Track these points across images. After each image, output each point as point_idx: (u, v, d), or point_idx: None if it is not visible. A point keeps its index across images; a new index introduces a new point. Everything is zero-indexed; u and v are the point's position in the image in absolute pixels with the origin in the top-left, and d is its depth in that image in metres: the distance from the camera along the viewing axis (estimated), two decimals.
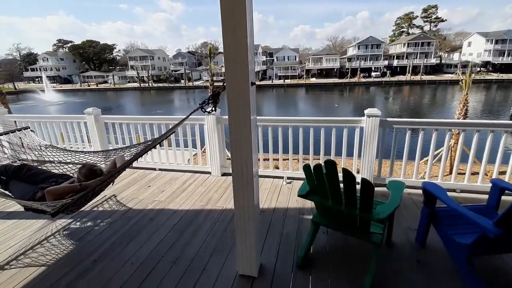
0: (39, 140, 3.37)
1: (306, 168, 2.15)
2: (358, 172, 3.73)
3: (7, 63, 70.71)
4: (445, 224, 2.28)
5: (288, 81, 54.22)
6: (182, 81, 60.09)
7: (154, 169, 4.54)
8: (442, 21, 72.35)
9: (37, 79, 65.55)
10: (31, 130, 3.43)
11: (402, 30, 75.29)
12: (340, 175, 1.93)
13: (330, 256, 2.41)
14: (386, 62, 57.06)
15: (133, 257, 2.47)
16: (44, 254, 2.56)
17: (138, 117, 4.48)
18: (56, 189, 2.36)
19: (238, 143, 1.87)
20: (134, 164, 2.70)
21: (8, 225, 3.04)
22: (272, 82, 54.59)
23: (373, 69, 56.54)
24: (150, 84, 59.02)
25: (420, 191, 3.43)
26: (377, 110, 3.41)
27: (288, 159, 3.98)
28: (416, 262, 2.33)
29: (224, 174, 4.24)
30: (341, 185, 2.01)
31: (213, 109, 1.96)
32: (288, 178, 3.89)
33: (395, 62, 57.46)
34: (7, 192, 2.62)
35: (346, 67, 56.87)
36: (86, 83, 63.87)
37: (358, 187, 1.89)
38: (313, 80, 55.56)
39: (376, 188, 2.02)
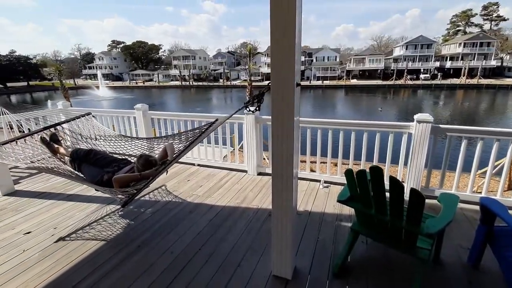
0: (100, 125, 3.70)
1: (349, 173, 2.07)
2: (402, 182, 3.48)
3: (69, 61, 79.41)
4: (504, 245, 2.03)
5: (326, 82, 52.75)
6: (221, 80, 61.81)
7: (193, 164, 4.74)
8: (504, 20, 64.46)
9: (93, 76, 72.49)
10: (93, 116, 3.78)
11: (458, 28, 68.69)
12: (386, 183, 1.83)
13: (369, 267, 2.29)
14: (437, 64, 52.49)
15: (172, 247, 2.60)
16: (97, 234, 2.82)
17: (181, 114, 4.71)
18: (121, 177, 2.60)
19: (280, 143, 1.86)
20: None
21: (68, 206, 3.41)
22: (309, 83, 53.57)
23: (422, 71, 52.42)
24: (190, 83, 61.74)
25: (475, 207, 3.12)
26: (429, 115, 3.15)
27: (325, 163, 3.88)
28: (467, 283, 2.11)
29: (260, 174, 4.27)
30: (386, 194, 1.90)
31: (257, 108, 1.98)
32: (325, 182, 3.78)
33: (448, 64, 52.58)
34: (80, 174, 2.94)
35: (391, 68, 53.50)
36: (134, 81, 68.99)
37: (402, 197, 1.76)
38: (354, 81, 53.28)
39: None
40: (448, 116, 26.67)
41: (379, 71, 55.30)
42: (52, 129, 3.38)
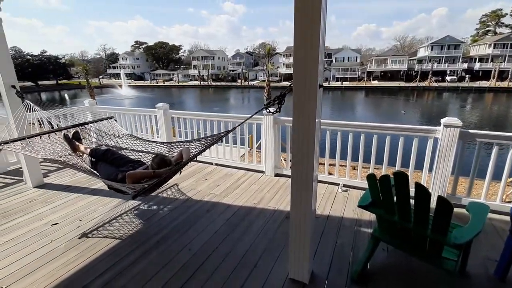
0: (120, 128, 3.85)
1: (371, 177, 2.01)
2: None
3: (95, 61, 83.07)
4: None
5: (346, 83, 51.65)
6: (239, 80, 62.23)
7: (211, 163, 4.80)
8: None
9: (116, 76, 75.32)
10: (115, 120, 3.94)
11: (487, 29, 65.03)
12: (411, 189, 1.75)
13: (390, 275, 2.22)
14: (465, 65, 49.93)
15: (190, 244, 2.64)
16: (118, 229, 2.92)
17: (201, 114, 4.78)
18: (135, 173, 2.68)
19: (300, 146, 1.84)
20: None
21: (92, 200, 3.56)
22: (328, 84, 52.70)
23: (448, 72, 50.06)
24: (209, 83, 62.64)
25: (504, 217, 2.94)
26: (457, 119, 3.00)
27: (344, 166, 3.79)
28: None
29: (277, 175, 4.24)
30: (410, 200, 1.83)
31: (278, 110, 1.97)
32: (344, 185, 3.69)
33: (477, 65, 49.89)
34: (95, 172, 3.06)
35: (415, 69, 51.52)
36: (155, 80, 70.99)
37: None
38: (375, 82, 51.83)
39: None
40: (477, 120, 25.31)
41: (402, 72, 53.42)
42: (76, 128, 3.54)
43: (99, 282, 2.20)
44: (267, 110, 2.00)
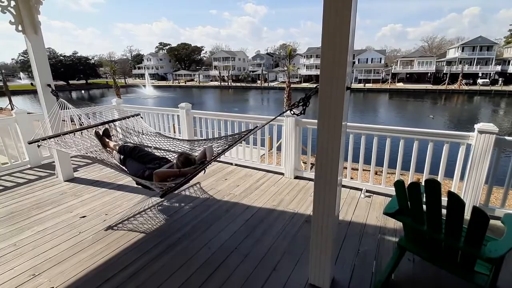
0: (146, 125, 3.98)
1: (399, 184, 1.92)
2: None
3: (122, 62, 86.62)
4: None
5: (369, 85, 50.16)
6: (259, 81, 62.39)
7: (231, 163, 4.83)
8: None
9: (141, 76, 78.15)
10: (141, 117, 4.07)
11: None
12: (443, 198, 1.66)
13: (415, 287, 2.11)
14: (498, 68, 46.79)
15: (210, 243, 2.67)
16: (142, 224, 3.02)
17: (223, 114, 4.83)
18: (162, 172, 2.76)
19: (325, 149, 1.80)
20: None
21: (117, 195, 3.70)
22: (350, 85, 51.37)
23: (480, 75, 47.22)
24: (229, 83, 63.34)
25: None
26: (493, 125, 2.82)
27: (368, 170, 3.67)
28: None
29: (296, 177, 4.19)
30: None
31: (302, 112, 1.94)
32: (367, 191, 3.58)
33: (511, 68, 46.63)
34: (124, 168, 3.19)
35: (444, 71, 49.08)
36: (177, 81, 72.88)
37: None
38: (400, 85, 49.93)
39: None
40: (510, 126, 23.67)
41: (429, 74, 51.12)
42: (106, 125, 3.71)
43: (124, 274, 2.28)
44: (292, 112, 1.98)
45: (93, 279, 2.24)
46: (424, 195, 1.79)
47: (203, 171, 2.67)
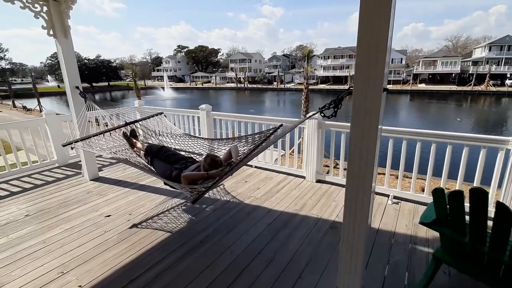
0: (170, 124, 4.01)
1: (438, 192, 1.80)
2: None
3: (142, 64, 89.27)
4: None
5: (389, 86, 48.33)
6: (275, 83, 62.25)
7: (251, 165, 4.79)
8: None
9: (160, 78, 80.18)
10: (164, 115, 4.11)
11: None
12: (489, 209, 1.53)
13: None
14: None
15: (232, 246, 2.63)
16: (165, 224, 3.03)
17: (244, 116, 4.79)
18: (190, 175, 2.77)
19: (359, 153, 1.71)
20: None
21: (140, 195, 3.76)
22: None
23: (508, 75, 44.58)
24: (245, 85, 63.63)
25: None
26: None
27: (394, 175, 3.51)
28: None
29: (318, 181, 4.08)
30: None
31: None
32: (395, 197, 3.42)
33: None
34: (152, 168, 3.23)
35: (470, 72, 46.79)
36: (194, 82, 74.14)
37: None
38: (422, 86, 48.14)
39: None
40: None
41: (453, 75, 48.91)
42: (133, 125, 3.77)
43: (149, 274, 2.29)
44: (322, 114, 1.90)
45: (119, 279, 2.26)
46: (468, 204, 1.66)
47: (230, 175, 2.64)
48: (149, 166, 3.29)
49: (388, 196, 3.45)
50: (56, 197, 3.78)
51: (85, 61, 67.03)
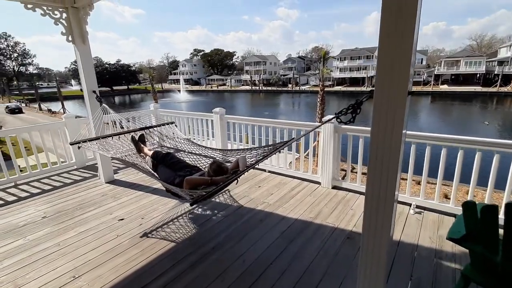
0: (180, 134, 4.01)
1: (470, 206, 1.63)
2: None
3: (159, 68, 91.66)
4: None
5: None
6: (290, 85, 61.92)
7: (264, 170, 4.70)
8: None
9: (176, 81, 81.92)
10: (175, 125, 4.12)
11: None
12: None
13: None
14: None
15: (245, 255, 2.55)
16: (176, 230, 3.00)
17: (256, 119, 4.72)
18: (192, 179, 2.71)
19: (380, 160, 1.58)
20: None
21: (153, 199, 3.75)
22: None
23: None
24: (260, 87, 63.72)
25: None
26: None
27: (415, 181, 3.30)
28: None
29: (334, 187, 3.93)
30: None
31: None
32: (417, 206, 3.21)
33: None
34: (155, 174, 3.21)
35: (496, 72, 44.45)
36: (210, 85, 75.16)
37: None
38: (444, 87, 46.24)
39: None
40: None
41: (478, 75, 46.65)
42: (142, 131, 3.79)
43: (159, 282, 2.24)
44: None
45: (128, 285, 2.23)
46: (503, 218, 1.49)
47: (236, 181, 2.56)
48: (152, 171, 3.27)
49: (410, 205, 3.24)
50: (73, 199, 3.85)
51: (106, 65, 69.62)
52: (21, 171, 4.52)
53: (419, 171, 3.29)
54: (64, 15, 3.71)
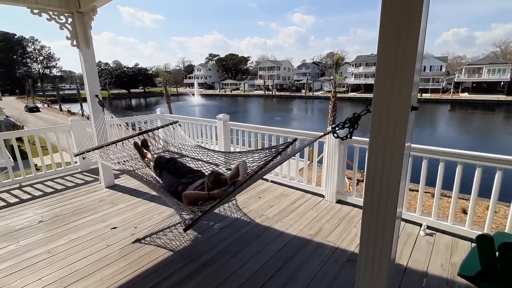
0: (182, 134, 3.90)
1: (485, 240, 1.40)
2: None
3: (175, 72, 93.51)
4: None
5: (426, 95, 45.48)
6: (303, 90, 61.51)
7: (266, 180, 4.52)
8: None
9: (191, 85, 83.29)
10: (179, 125, 4.01)
11: None
12: None
13: None
14: None
15: (236, 274, 2.38)
16: (167, 241, 2.87)
17: (260, 127, 4.58)
18: (190, 194, 2.60)
19: (379, 174, 1.38)
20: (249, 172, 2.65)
21: (149, 207, 3.66)
22: None
23: None
24: (273, 92, 63.66)
25: None
26: None
27: (431, 193, 3.02)
28: None
29: (339, 202, 3.70)
30: None
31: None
32: (428, 227, 2.93)
33: None
34: (160, 180, 3.12)
35: None
36: (223, 89, 75.88)
37: None
38: (465, 95, 44.45)
39: None
40: None
41: (502, 83, 44.57)
42: (144, 135, 3.71)
43: None
44: (335, 135, 1.61)
45: None
46: None
47: (234, 198, 2.41)
48: (157, 178, 3.18)
49: (420, 225, 2.97)
50: (71, 203, 3.82)
51: (125, 69, 71.84)
52: (33, 172, 4.57)
53: (434, 184, 3.01)
54: (70, 20, 3.73)
